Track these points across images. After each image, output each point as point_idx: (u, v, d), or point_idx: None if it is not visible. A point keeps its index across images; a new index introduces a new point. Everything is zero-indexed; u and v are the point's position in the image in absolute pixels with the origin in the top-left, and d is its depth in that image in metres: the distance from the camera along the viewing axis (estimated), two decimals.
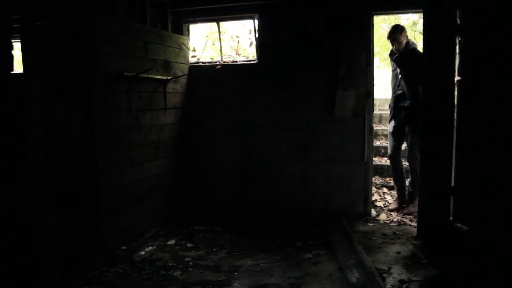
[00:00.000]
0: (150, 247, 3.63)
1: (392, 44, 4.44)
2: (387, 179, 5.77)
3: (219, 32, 5.21)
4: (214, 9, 4.78)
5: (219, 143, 5.01)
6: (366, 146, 4.46)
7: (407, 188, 4.69)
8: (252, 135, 4.86)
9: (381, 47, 9.83)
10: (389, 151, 4.71)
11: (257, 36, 4.79)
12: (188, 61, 4.95)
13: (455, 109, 3.43)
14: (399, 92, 4.49)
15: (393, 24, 4.58)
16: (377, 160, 6.04)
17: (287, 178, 4.77)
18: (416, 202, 4.48)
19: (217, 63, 5.04)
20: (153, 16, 4.52)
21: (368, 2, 4.29)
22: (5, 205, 3.22)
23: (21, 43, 3.00)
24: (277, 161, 4.79)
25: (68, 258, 3.32)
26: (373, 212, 4.58)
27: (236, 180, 4.96)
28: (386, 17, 9.02)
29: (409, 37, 4.48)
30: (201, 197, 5.09)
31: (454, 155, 3.46)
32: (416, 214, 4.41)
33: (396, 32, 4.35)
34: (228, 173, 5.00)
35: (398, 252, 3.47)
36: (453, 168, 3.48)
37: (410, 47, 4.40)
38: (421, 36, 9.32)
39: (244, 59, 5.33)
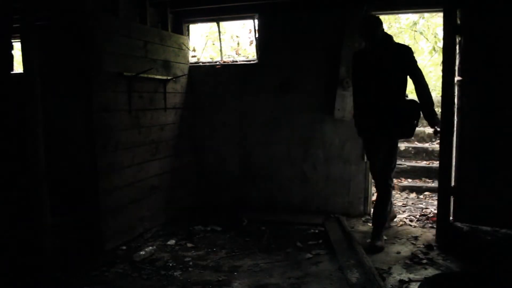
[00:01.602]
0: (150, 247, 3.63)
1: (369, 41, 3.58)
2: None
3: (219, 32, 5.21)
4: (214, 9, 4.78)
5: (219, 143, 5.01)
6: None
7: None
8: (252, 135, 4.86)
9: None
10: (373, 176, 3.80)
11: (257, 36, 4.79)
12: (188, 61, 4.95)
13: (455, 109, 3.43)
14: (373, 102, 3.55)
15: (371, 17, 3.72)
16: None
17: (287, 178, 4.77)
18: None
19: (217, 63, 5.04)
20: (153, 16, 4.52)
21: (368, 2, 4.28)
22: (5, 205, 3.22)
23: (21, 43, 3.00)
24: (277, 161, 4.79)
25: (68, 258, 3.32)
26: None
27: (236, 179, 4.96)
28: (386, 17, 9.03)
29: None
30: (201, 197, 5.09)
31: (454, 155, 3.47)
32: None
33: (375, 24, 3.51)
34: (228, 173, 5.00)
35: (398, 252, 3.47)
36: (453, 168, 3.49)
37: (385, 36, 3.57)
38: (421, 36, 9.33)
39: (244, 59, 5.33)
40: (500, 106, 3.24)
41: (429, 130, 6.38)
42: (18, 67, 5.25)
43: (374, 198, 4.93)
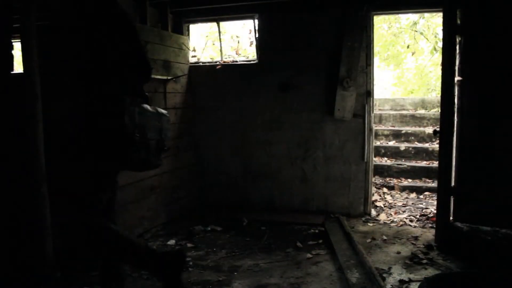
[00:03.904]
0: None
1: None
2: (387, 179, 5.78)
3: (219, 32, 5.21)
4: (214, 9, 4.78)
5: (219, 143, 5.01)
6: (366, 146, 4.46)
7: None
8: (252, 135, 4.86)
9: (381, 47, 9.86)
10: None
11: (257, 36, 4.79)
12: (188, 61, 4.95)
13: (455, 109, 3.43)
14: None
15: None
16: (377, 160, 6.04)
17: (287, 178, 4.77)
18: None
19: (217, 63, 5.04)
20: (153, 16, 4.51)
21: (368, 2, 4.28)
22: (5, 205, 3.22)
23: (21, 43, 3.00)
24: (277, 161, 4.79)
25: (68, 258, 3.32)
26: (373, 212, 4.58)
27: (236, 180, 4.96)
28: (386, 17, 9.04)
29: None
30: (201, 197, 5.09)
31: (454, 154, 3.46)
32: None
33: None
34: (228, 173, 5.00)
35: (398, 252, 3.47)
36: (453, 168, 3.49)
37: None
38: (421, 37, 9.35)
39: (244, 59, 5.33)
40: (500, 106, 3.24)
41: (429, 130, 6.39)
42: (18, 67, 5.25)
43: (374, 198, 4.95)
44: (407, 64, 10.74)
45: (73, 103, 2.18)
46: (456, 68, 3.40)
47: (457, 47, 3.38)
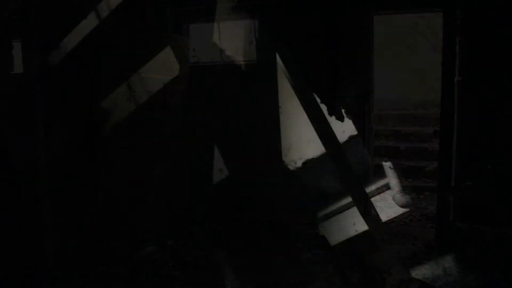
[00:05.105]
0: (150, 247, 3.62)
1: None
2: (387, 178, 5.77)
3: (219, 32, 5.21)
4: (214, 9, 4.78)
5: (219, 143, 5.01)
6: (366, 146, 4.46)
7: None
8: (252, 134, 4.86)
9: (381, 47, 9.86)
10: None
11: (257, 36, 4.79)
12: (188, 61, 4.95)
13: (455, 109, 3.43)
14: None
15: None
16: (377, 160, 6.03)
17: (287, 178, 4.77)
18: None
19: (217, 63, 5.04)
20: (153, 16, 4.52)
21: (368, 2, 4.28)
22: (6, 206, 3.22)
23: (21, 43, 3.00)
24: (277, 161, 4.79)
25: (68, 258, 3.32)
26: (373, 212, 4.58)
27: (236, 179, 4.96)
28: (386, 17, 9.04)
29: None
30: (201, 197, 5.09)
31: (454, 154, 3.46)
32: None
33: None
34: (229, 172, 5.00)
35: (398, 252, 3.47)
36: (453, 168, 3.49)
37: None
38: (422, 37, 9.32)
39: (244, 59, 5.33)
40: (500, 105, 3.24)
41: (429, 130, 6.39)
42: (18, 67, 5.24)
43: (374, 198, 4.94)
44: (407, 64, 10.75)
45: None
46: (456, 68, 3.40)
47: (457, 47, 3.38)
